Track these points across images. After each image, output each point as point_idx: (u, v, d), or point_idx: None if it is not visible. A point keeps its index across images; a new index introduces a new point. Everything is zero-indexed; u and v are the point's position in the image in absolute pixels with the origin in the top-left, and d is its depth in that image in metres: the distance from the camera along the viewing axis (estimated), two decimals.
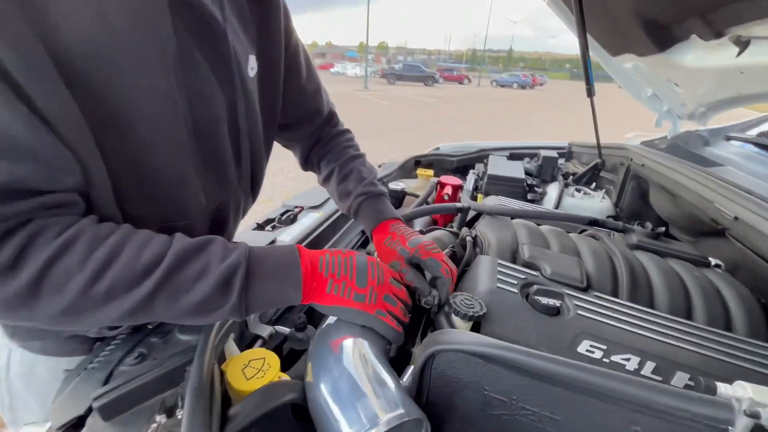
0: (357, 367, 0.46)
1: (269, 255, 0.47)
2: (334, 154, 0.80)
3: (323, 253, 0.52)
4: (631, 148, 1.18)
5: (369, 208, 0.73)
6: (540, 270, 0.71)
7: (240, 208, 0.73)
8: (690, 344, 0.59)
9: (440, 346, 0.43)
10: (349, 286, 0.49)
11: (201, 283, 0.41)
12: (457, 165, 1.61)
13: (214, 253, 0.43)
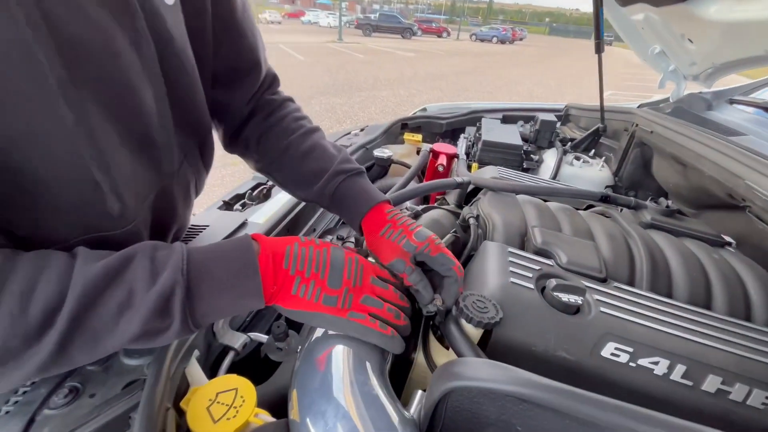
0: (348, 396, 0.36)
1: (217, 260, 0.37)
2: (283, 128, 0.60)
3: (291, 242, 0.42)
4: (637, 113, 1.09)
5: (353, 189, 0.57)
6: (555, 258, 0.63)
7: (191, 187, 0.58)
8: (719, 341, 0.53)
9: (459, 382, 0.34)
10: (319, 286, 0.40)
11: (127, 319, 0.32)
12: (447, 128, 1.47)
13: (138, 276, 0.33)
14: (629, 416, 0.30)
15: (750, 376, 0.50)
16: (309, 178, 0.58)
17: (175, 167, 0.49)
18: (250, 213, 0.81)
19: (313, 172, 0.58)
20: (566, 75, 11.10)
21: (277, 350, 0.54)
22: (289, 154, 0.59)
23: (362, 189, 0.57)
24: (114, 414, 0.36)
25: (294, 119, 0.62)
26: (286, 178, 0.62)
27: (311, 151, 0.59)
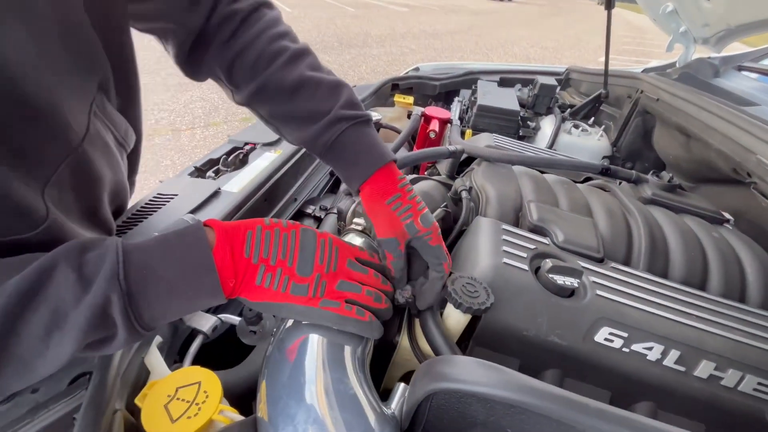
0: (321, 397, 0.33)
1: (164, 259, 0.31)
2: (257, 54, 0.46)
3: (253, 226, 0.36)
4: (643, 78, 1.02)
5: (357, 142, 0.45)
6: (551, 236, 0.59)
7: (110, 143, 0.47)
8: (713, 326, 0.51)
9: (445, 384, 0.30)
10: (287, 274, 0.35)
11: (57, 341, 0.27)
12: (441, 90, 1.38)
13: (62, 291, 0.28)
14: (626, 425, 0.27)
15: (743, 362, 0.48)
16: (299, 121, 0.46)
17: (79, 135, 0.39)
18: (224, 181, 0.74)
19: (304, 114, 0.46)
20: (565, 36, 10.70)
21: (251, 333, 0.50)
22: (270, 90, 0.46)
23: (369, 143, 0.46)
24: (56, 415, 0.32)
25: (270, 39, 0.46)
26: (272, 116, 0.49)
27: (300, 88, 0.46)
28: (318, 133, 0.45)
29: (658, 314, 0.50)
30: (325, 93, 0.46)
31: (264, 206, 0.74)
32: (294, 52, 0.47)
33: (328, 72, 0.49)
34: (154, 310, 0.31)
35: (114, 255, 0.30)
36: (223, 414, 0.35)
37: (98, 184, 0.45)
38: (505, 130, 1.12)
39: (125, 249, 0.31)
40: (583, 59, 8.03)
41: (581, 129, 1.14)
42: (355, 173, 0.46)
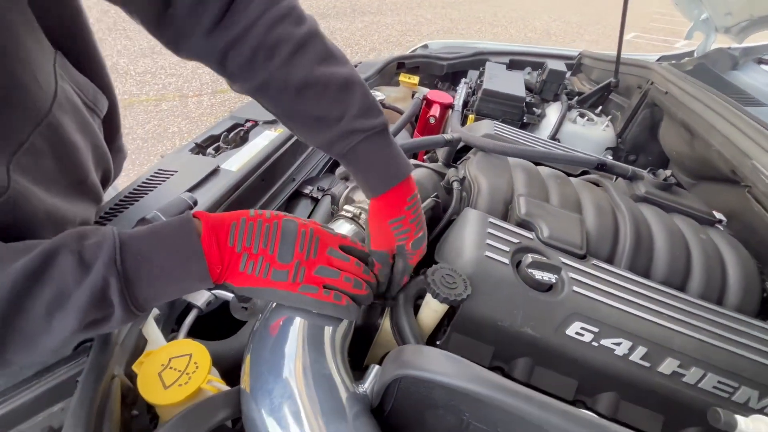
0: (299, 375, 0.36)
1: (157, 247, 0.34)
2: (254, 45, 0.40)
3: (238, 217, 0.39)
4: (654, 69, 0.99)
5: (373, 155, 0.44)
6: (536, 230, 0.60)
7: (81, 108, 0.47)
8: (683, 326, 0.53)
9: (410, 371, 0.33)
10: (268, 261, 0.38)
11: (60, 318, 0.30)
12: (448, 71, 1.35)
13: (65, 273, 0.30)
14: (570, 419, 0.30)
15: (707, 361, 0.50)
16: (308, 125, 0.44)
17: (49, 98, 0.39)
18: (224, 158, 0.76)
19: (312, 118, 0.42)
20: (593, 10, 10.13)
21: (242, 309, 0.53)
22: (273, 90, 0.42)
23: (385, 157, 0.44)
24: (61, 378, 0.36)
25: (269, 25, 0.39)
26: (277, 114, 0.45)
27: (306, 89, 0.41)
28: (330, 141, 0.43)
29: (629, 312, 0.52)
30: (335, 95, 0.41)
31: (261, 186, 0.76)
32: (298, 41, 0.40)
33: (338, 60, 0.43)
34: (148, 292, 0.34)
35: (111, 242, 0.32)
36: (210, 384, 0.39)
37: (76, 150, 0.44)
38: (510, 116, 1.10)
39: (121, 237, 0.33)
40: (608, 36, 7.62)
41: (587, 118, 1.12)
42: (369, 186, 0.45)
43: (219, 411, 0.36)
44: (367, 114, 0.43)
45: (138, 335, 0.43)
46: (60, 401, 0.35)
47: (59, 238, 0.32)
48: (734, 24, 1.04)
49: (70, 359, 0.37)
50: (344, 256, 0.42)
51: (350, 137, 0.42)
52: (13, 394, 0.34)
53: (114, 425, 0.33)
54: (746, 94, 0.89)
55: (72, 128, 0.43)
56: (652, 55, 1.41)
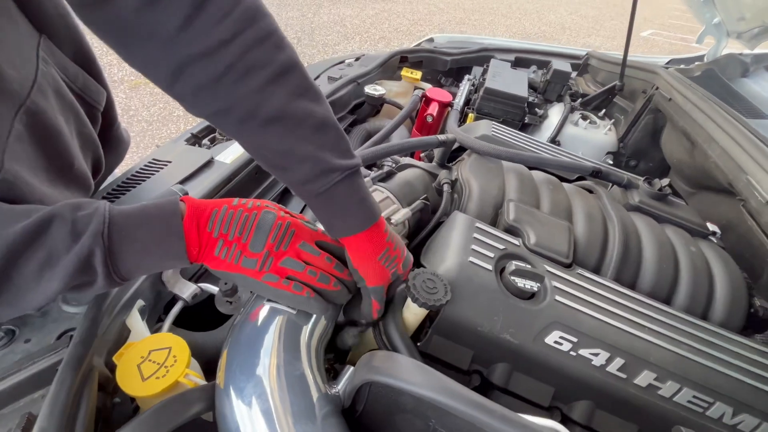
0: (273, 375, 0.37)
1: (142, 224, 0.37)
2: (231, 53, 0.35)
3: (220, 205, 0.41)
4: (660, 74, 0.97)
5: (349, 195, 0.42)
6: (523, 237, 0.60)
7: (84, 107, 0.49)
8: (663, 339, 0.53)
9: (378, 377, 0.34)
10: (240, 249, 0.40)
11: (48, 278, 0.33)
12: (452, 66, 1.33)
13: (57, 239, 0.34)
14: None
15: (683, 376, 0.51)
16: (276, 160, 0.41)
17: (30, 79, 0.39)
18: (219, 150, 0.76)
19: (281, 153, 0.39)
20: (610, 4, 9.87)
21: (227, 303, 0.54)
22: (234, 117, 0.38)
23: (359, 198, 0.43)
24: (44, 365, 0.37)
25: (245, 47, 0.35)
26: (241, 144, 0.43)
27: (277, 122, 0.38)
28: (306, 179, 0.40)
29: (609, 323, 0.53)
30: (309, 133, 0.39)
31: (255, 178, 0.76)
32: (277, 69, 0.37)
33: (316, 95, 0.40)
34: (130, 264, 0.37)
35: (101, 216, 0.35)
36: (188, 378, 0.40)
37: (59, 137, 0.44)
38: (511, 116, 1.09)
39: (111, 212, 0.36)
40: (624, 32, 7.46)
41: (589, 121, 1.10)
42: (341, 227, 0.43)
43: (193, 405, 0.37)
44: (344, 155, 0.41)
45: (121, 326, 0.45)
46: (41, 388, 0.37)
47: (57, 206, 0.35)
48: (747, 30, 1.02)
49: (51, 348, 0.39)
50: (315, 250, 0.43)
51: (329, 176, 0.40)
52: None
53: (90, 414, 0.34)
54: (750, 104, 0.87)
55: (54, 113, 0.43)
56: (662, 57, 1.38)
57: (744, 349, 0.55)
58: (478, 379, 0.55)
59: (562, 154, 0.82)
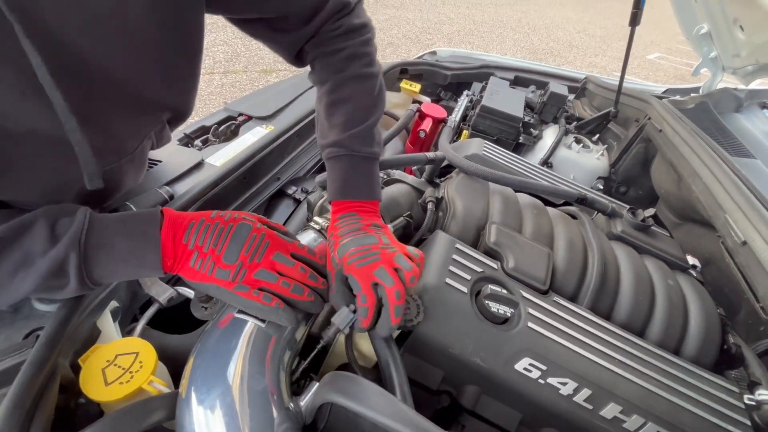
0: (235, 386, 0.37)
1: (119, 232, 0.39)
2: (334, 61, 0.55)
3: (197, 217, 0.42)
4: (654, 104, 0.98)
5: (340, 169, 0.54)
6: (502, 260, 0.61)
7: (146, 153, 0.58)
8: (633, 373, 0.54)
9: (338, 398, 0.34)
10: (214, 260, 0.41)
11: (21, 278, 0.35)
12: (452, 81, 1.35)
13: (36, 242, 0.35)
14: None
15: (649, 410, 0.51)
16: (325, 131, 0.55)
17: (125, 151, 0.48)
18: (210, 152, 0.77)
19: (329, 126, 0.54)
20: (617, 25, 9.96)
21: (202, 308, 0.54)
22: (323, 90, 0.56)
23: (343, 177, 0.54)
24: (7, 365, 0.37)
25: (347, 57, 0.55)
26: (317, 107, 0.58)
27: (340, 104, 0.54)
28: (326, 144, 0.54)
29: (579, 353, 0.53)
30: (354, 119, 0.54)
31: (243, 183, 0.77)
32: (359, 74, 0.55)
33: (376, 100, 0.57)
34: (103, 271, 0.38)
35: (81, 223, 0.37)
36: (152, 384, 0.40)
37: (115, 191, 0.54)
38: (505, 135, 1.10)
39: (91, 219, 0.38)
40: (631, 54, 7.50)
41: (582, 145, 1.11)
42: (330, 190, 0.54)
43: (155, 413, 0.37)
44: (364, 142, 0.54)
45: (92, 326, 0.45)
46: (3, 387, 0.37)
47: (42, 209, 0.37)
48: (741, 66, 1.03)
49: (19, 347, 0.39)
50: (289, 260, 0.44)
51: (340, 149, 0.53)
52: None
53: (48, 416, 0.34)
54: (738, 142, 0.88)
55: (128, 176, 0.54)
56: (660, 86, 1.40)
57: (712, 387, 0.56)
58: (447, 399, 0.56)
59: (550, 178, 0.83)
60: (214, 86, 3.20)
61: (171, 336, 0.56)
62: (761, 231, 0.57)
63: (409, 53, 4.87)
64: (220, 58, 3.63)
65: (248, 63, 3.69)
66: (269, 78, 3.52)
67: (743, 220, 0.60)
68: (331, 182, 0.54)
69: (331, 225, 0.52)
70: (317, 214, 0.63)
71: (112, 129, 0.44)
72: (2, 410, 0.32)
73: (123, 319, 0.51)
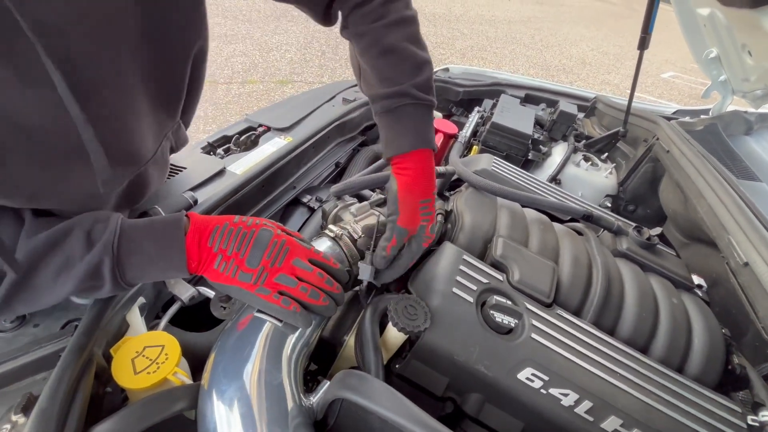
0: (254, 381, 0.40)
1: (148, 237, 0.42)
2: (369, 10, 0.53)
3: (222, 221, 0.45)
4: (661, 125, 1.00)
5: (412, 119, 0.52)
6: (508, 273, 0.63)
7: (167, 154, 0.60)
8: (635, 387, 0.55)
9: (348, 394, 0.37)
10: (237, 263, 0.44)
11: (62, 280, 0.38)
12: (464, 97, 1.38)
13: (74, 247, 0.39)
14: None
15: (648, 424, 0.52)
16: (377, 79, 0.53)
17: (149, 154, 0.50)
18: (231, 161, 0.81)
19: (383, 76, 0.53)
20: (631, 43, 9.96)
21: (221, 308, 0.57)
22: (365, 43, 0.53)
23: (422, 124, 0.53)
24: (48, 351, 0.41)
25: (384, 2, 0.53)
26: (361, 58, 0.56)
27: (390, 53, 0.52)
28: (385, 96, 0.52)
29: (581, 365, 0.55)
30: (408, 67, 0.52)
31: (261, 191, 0.81)
32: (395, 19, 0.52)
33: (422, 46, 0.54)
34: (135, 273, 0.41)
35: (113, 229, 0.40)
36: (176, 375, 0.43)
37: (144, 193, 0.56)
38: (515, 151, 1.13)
39: (122, 225, 0.41)
40: (643, 72, 7.50)
41: (591, 163, 1.13)
42: (396, 145, 0.53)
43: (178, 402, 0.40)
44: (425, 90, 0.52)
45: (121, 321, 0.48)
46: (42, 371, 0.40)
47: (79, 217, 0.40)
48: (750, 90, 1.05)
49: (57, 335, 0.42)
50: (308, 266, 0.46)
51: (403, 98, 0.51)
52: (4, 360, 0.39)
53: (85, 399, 0.37)
54: (745, 165, 0.90)
55: (153, 177, 0.56)
56: (670, 107, 1.42)
57: (714, 405, 0.56)
58: (451, 406, 0.57)
59: (557, 195, 0.85)
60: (232, 95, 3.30)
61: (189, 333, 0.59)
62: (762, 253, 0.58)
63: None
64: (238, 68, 3.75)
65: (265, 74, 3.80)
66: (285, 89, 3.62)
67: (745, 241, 0.61)
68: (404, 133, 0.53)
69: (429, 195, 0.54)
70: (331, 223, 0.66)
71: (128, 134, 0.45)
72: (46, 391, 0.35)
73: (147, 315, 0.55)
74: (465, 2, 9.87)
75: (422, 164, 0.53)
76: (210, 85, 3.37)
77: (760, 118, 1.15)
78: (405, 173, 0.53)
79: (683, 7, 1.08)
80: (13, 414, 0.36)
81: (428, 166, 0.54)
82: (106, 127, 0.40)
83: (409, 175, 0.53)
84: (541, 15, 11.11)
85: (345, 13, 0.55)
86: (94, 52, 0.36)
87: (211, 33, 0.55)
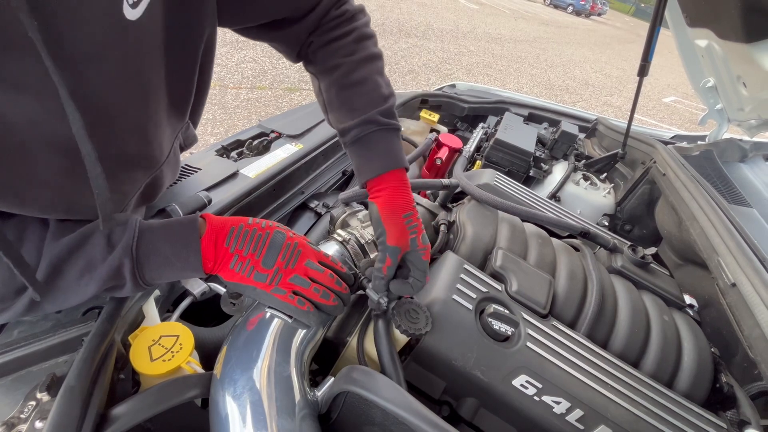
0: (264, 372, 0.42)
1: (165, 239, 0.43)
2: (341, 46, 0.54)
3: (237, 223, 0.47)
4: (659, 149, 1.04)
5: (381, 144, 0.53)
6: (506, 283, 0.66)
7: (178, 152, 0.61)
8: (625, 399, 0.57)
9: (354, 387, 0.39)
10: (253, 264, 0.46)
11: (86, 282, 0.39)
12: (469, 113, 1.43)
13: (96, 250, 0.40)
14: None
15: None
16: (345, 109, 0.54)
17: (164, 157, 0.51)
18: (244, 164, 0.84)
19: (352, 106, 0.54)
20: (633, 66, 10.14)
21: (231, 304, 0.60)
22: (337, 75, 0.54)
23: (390, 147, 0.54)
24: (72, 335, 0.43)
25: (356, 39, 0.55)
26: (327, 92, 0.57)
27: (359, 84, 0.53)
28: (354, 126, 0.53)
29: (574, 375, 0.57)
30: (375, 97, 0.54)
31: (272, 195, 0.84)
32: (366, 55, 0.55)
33: (387, 81, 0.57)
34: (153, 274, 0.43)
35: (132, 231, 0.42)
36: (189, 365, 0.45)
37: (157, 192, 0.58)
38: (516, 167, 1.16)
39: (140, 228, 0.43)
40: (645, 96, 7.63)
41: (590, 182, 1.17)
42: (369, 168, 0.54)
43: (190, 389, 0.42)
44: (389, 116, 0.54)
45: (138, 311, 0.51)
46: (66, 354, 0.43)
47: (96, 222, 0.41)
48: (745, 120, 1.09)
49: (80, 321, 0.45)
50: (319, 267, 0.49)
51: (370, 125, 0.53)
52: (30, 342, 0.42)
53: (107, 381, 0.40)
54: (737, 191, 0.93)
55: (167, 177, 0.57)
56: (670, 131, 1.46)
57: (701, 420, 0.59)
58: (447, 410, 0.59)
59: (556, 211, 0.88)
60: (241, 100, 3.36)
61: (198, 328, 0.62)
62: (749, 275, 0.61)
63: (428, 81, 5.05)
64: (248, 74, 3.82)
65: (274, 80, 3.87)
66: (293, 96, 3.68)
67: (734, 263, 0.64)
68: (375, 157, 0.53)
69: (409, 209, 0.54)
70: (339, 227, 0.69)
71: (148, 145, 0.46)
72: (73, 370, 0.37)
73: (160, 308, 0.57)
74: (472, 20, 10.08)
75: (396, 182, 0.54)
76: (219, 89, 3.43)
77: (755, 147, 1.19)
78: (382, 194, 0.53)
79: (683, 37, 1.13)
80: (38, 392, 0.38)
81: (403, 182, 0.54)
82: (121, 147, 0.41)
83: (386, 194, 0.53)
84: (546, 36, 11.34)
85: (315, 47, 0.56)
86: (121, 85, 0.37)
87: (222, 39, 0.56)
